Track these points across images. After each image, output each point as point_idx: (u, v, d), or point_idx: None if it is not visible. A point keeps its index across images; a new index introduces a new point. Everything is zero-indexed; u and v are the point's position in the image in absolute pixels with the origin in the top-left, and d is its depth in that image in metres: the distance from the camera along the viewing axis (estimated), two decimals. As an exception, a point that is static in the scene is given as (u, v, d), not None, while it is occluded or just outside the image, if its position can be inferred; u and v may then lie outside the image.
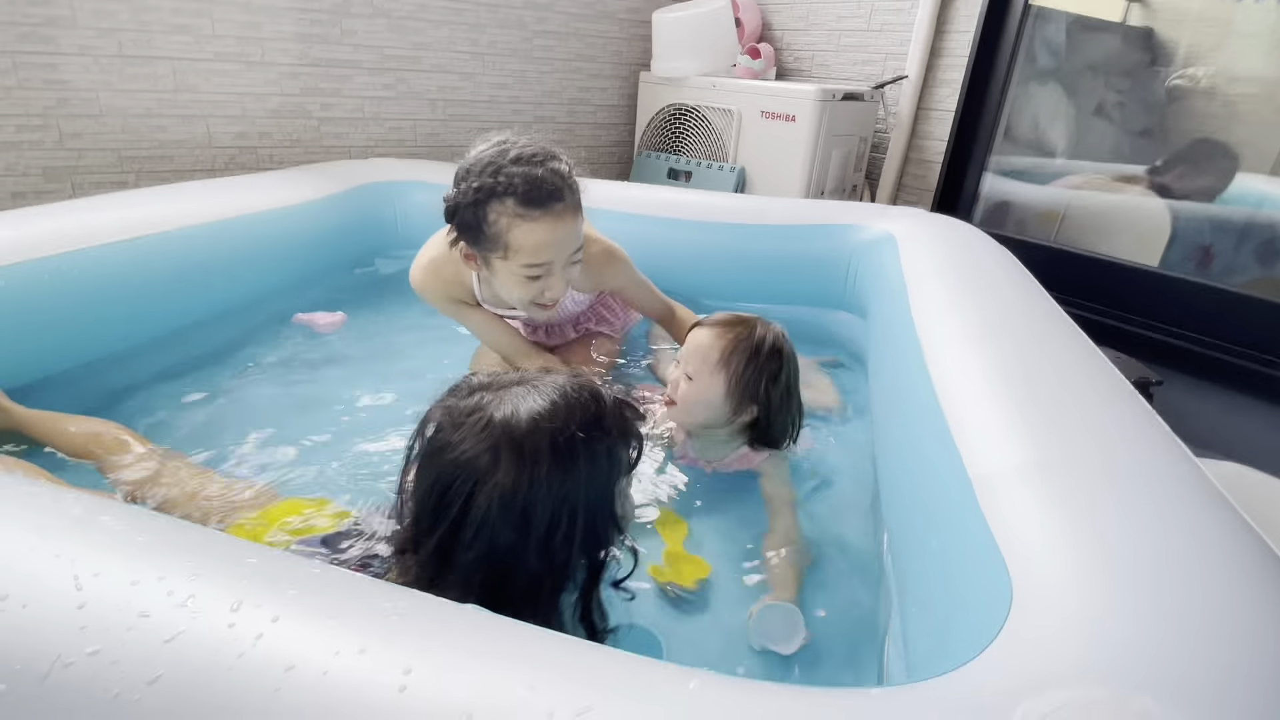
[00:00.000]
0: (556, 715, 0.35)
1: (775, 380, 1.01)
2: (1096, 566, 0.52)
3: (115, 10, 1.69)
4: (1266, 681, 0.42)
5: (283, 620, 0.40)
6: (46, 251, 1.14)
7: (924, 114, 2.29)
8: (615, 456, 0.65)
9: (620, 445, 0.66)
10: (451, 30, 2.24)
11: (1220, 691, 0.40)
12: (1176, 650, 0.43)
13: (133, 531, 0.48)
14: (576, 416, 0.62)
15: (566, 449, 0.60)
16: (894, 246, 1.51)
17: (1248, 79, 1.93)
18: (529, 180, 1.03)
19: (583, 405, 0.63)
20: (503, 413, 0.61)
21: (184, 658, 0.37)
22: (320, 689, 0.35)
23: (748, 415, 1.03)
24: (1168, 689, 0.40)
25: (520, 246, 1.06)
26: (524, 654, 0.40)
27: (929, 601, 0.65)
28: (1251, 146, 1.95)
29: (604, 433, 0.63)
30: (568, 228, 1.08)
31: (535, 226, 1.05)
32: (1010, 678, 0.41)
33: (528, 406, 0.61)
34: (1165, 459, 0.69)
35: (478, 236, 1.08)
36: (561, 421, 0.61)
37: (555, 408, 0.62)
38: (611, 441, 0.64)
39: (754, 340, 1.01)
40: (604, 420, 0.64)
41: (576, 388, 0.65)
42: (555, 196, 1.05)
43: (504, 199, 1.03)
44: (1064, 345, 0.95)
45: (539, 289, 1.12)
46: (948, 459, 0.73)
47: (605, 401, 0.65)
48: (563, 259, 1.11)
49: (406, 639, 0.39)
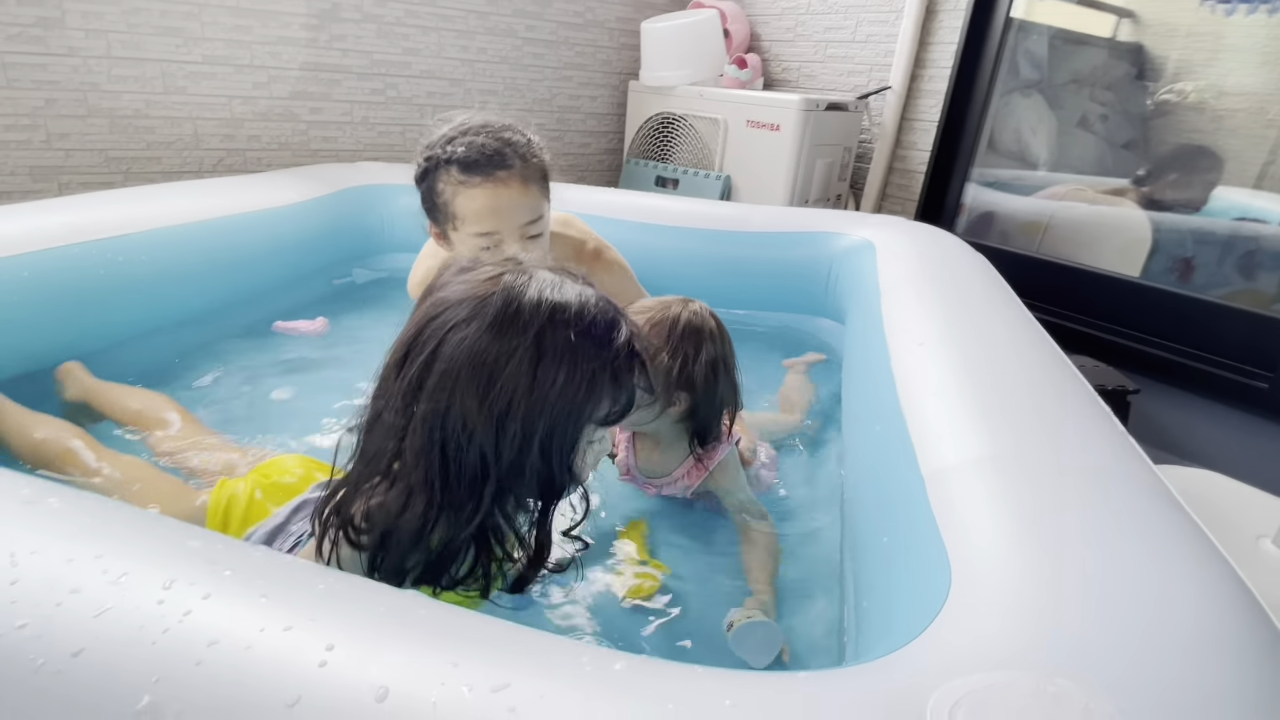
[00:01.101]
0: (475, 689, 0.35)
1: (695, 360, 0.93)
2: (1036, 559, 0.53)
3: (104, 12, 1.70)
4: (1190, 672, 0.42)
5: (214, 598, 0.40)
6: (24, 249, 1.15)
7: (908, 124, 2.32)
8: (596, 391, 0.58)
9: (608, 385, 0.59)
10: (440, 36, 2.26)
11: (1142, 679, 0.41)
12: (1104, 639, 0.44)
13: (77, 514, 0.48)
14: (585, 326, 0.57)
15: (555, 344, 0.55)
16: (872, 253, 1.52)
17: (1236, 93, 1.95)
18: (470, 147, 1.05)
19: (599, 324, 0.58)
20: (515, 278, 0.57)
21: (110, 632, 0.37)
22: (240, 663, 0.36)
23: (680, 404, 0.94)
24: (1090, 674, 0.40)
25: (464, 214, 1.08)
26: (450, 633, 0.40)
27: (878, 595, 0.65)
28: (1236, 160, 1.98)
29: (600, 360, 0.57)
30: (512, 195, 1.07)
31: (476, 193, 1.06)
32: (934, 664, 0.41)
33: (543, 285, 0.57)
34: (1117, 458, 0.70)
35: (433, 209, 1.12)
36: (566, 318, 0.56)
37: (570, 306, 0.57)
38: (601, 374, 0.58)
39: (667, 322, 0.94)
40: (607, 349, 0.58)
41: (607, 310, 0.59)
42: (497, 164, 1.06)
43: (448, 167, 1.06)
44: (1028, 350, 0.96)
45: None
46: (904, 458, 0.74)
47: (620, 340, 0.59)
48: (511, 229, 1.09)
49: (334, 617, 0.40)
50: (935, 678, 0.39)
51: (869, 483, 0.86)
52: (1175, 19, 2.10)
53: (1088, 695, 0.38)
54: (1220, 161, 2.00)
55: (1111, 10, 2.15)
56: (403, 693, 0.35)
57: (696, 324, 0.94)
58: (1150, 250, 2.07)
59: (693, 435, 0.98)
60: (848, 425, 1.12)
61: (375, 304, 1.72)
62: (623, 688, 0.37)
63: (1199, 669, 0.43)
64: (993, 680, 0.38)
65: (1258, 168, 1.96)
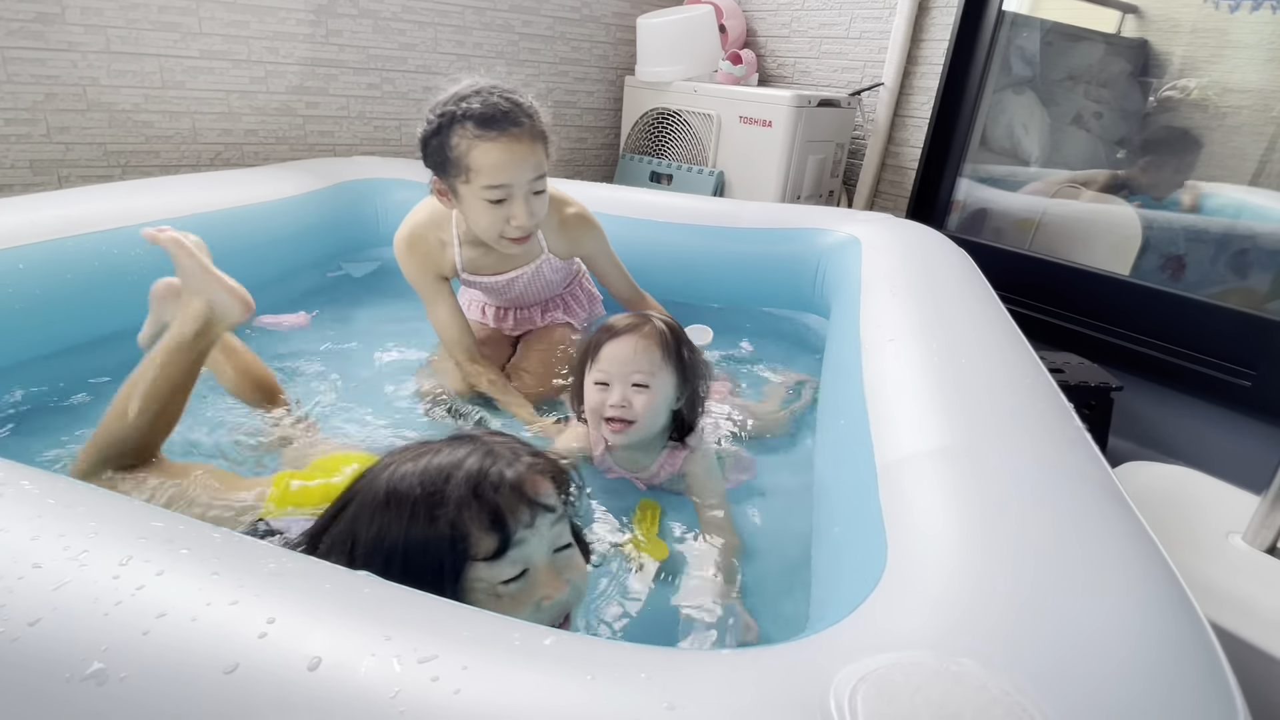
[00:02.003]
0: (403, 660, 0.38)
1: (691, 350, 1.06)
2: (971, 549, 0.55)
3: (103, 7, 1.73)
4: (1099, 661, 0.43)
5: (167, 574, 0.43)
6: (22, 240, 1.18)
7: (900, 121, 2.32)
8: (451, 530, 0.59)
9: (469, 523, 0.59)
10: (437, 32, 2.28)
11: (1047, 663, 0.42)
12: (1019, 626, 0.45)
13: (45, 496, 0.51)
14: (434, 475, 0.60)
15: (400, 499, 0.60)
16: (858, 249, 1.54)
17: (1240, 90, 1.95)
18: (486, 105, 1.13)
19: (427, 487, 0.60)
20: (405, 454, 0.64)
21: (66, 604, 0.40)
22: (184, 633, 0.38)
23: (682, 400, 1.04)
24: (997, 657, 0.42)
25: (479, 167, 1.14)
26: (389, 610, 0.43)
27: (826, 583, 0.67)
28: (1238, 158, 1.97)
29: (425, 517, 0.59)
30: (524, 151, 1.15)
31: (491, 147, 1.13)
32: (849, 646, 0.43)
33: (413, 457, 0.63)
34: (1069, 455, 0.71)
35: (444, 164, 1.17)
36: (417, 476, 0.61)
37: (408, 476, 0.61)
38: (449, 508, 0.59)
39: (667, 329, 1.04)
40: (435, 508, 0.59)
41: (458, 459, 0.62)
42: (511, 121, 1.13)
43: (464, 123, 1.13)
44: (997, 347, 0.97)
45: (504, 216, 1.18)
46: (862, 450, 0.76)
47: (453, 494, 0.60)
48: (521, 183, 1.17)
49: (278, 594, 0.42)
50: (846, 658, 0.41)
51: (831, 475, 0.87)
52: (1179, 15, 2.09)
53: (987, 674, 0.40)
54: (1200, 148, 1.99)
55: (1116, 6, 2.15)
56: (334, 662, 0.37)
57: (676, 326, 1.06)
58: (1141, 248, 2.07)
59: (671, 429, 1.05)
60: (820, 419, 1.14)
61: (369, 297, 1.75)
62: (545, 660, 0.40)
63: (1108, 659, 0.44)
64: (897, 660, 0.40)
65: (1255, 164, 1.96)
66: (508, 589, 0.61)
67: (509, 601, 0.61)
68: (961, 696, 0.38)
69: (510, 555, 0.60)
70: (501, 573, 0.60)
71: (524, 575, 0.62)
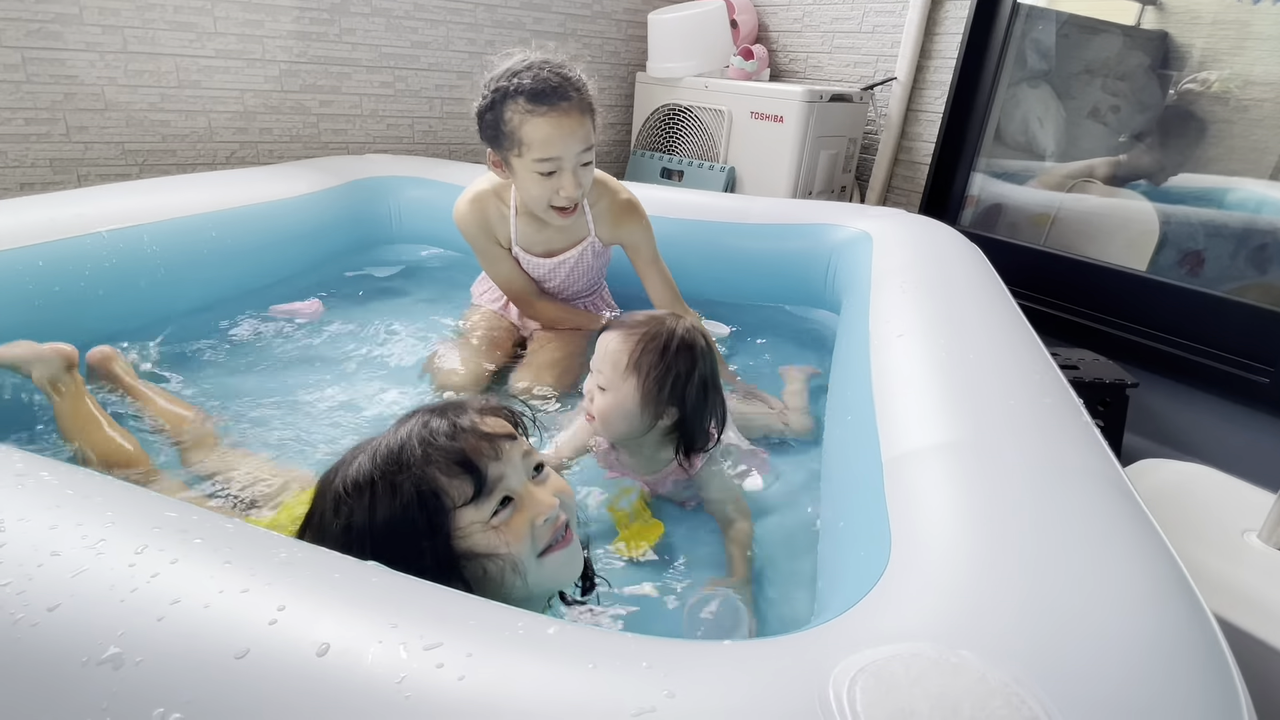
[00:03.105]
0: (409, 646, 0.38)
1: (689, 378, 0.95)
2: (975, 543, 0.55)
3: (119, 8, 1.76)
4: (1100, 654, 0.43)
5: (181, 563, 0.44)
6: (41, 239, 1.20)
7: (913, 115, 2.30)
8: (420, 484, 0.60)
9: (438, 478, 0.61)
10: (449, 30, 2.29)
11: (1049, 655, 0.42)
12: (1021, 619, 0.45)
13: (64, 486, 0.52)
14: (385, 451, 0.62)
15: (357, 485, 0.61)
16: (869, 245, 1.53)
17: (1262, 83, 1.92)
18: (537, 80, 1.17)
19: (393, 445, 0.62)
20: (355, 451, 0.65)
21: (84, 590, 0.41)
22: (198, 619, 0.39)
23: (669, 419, 0.97)
24: (997, 649, 0.42)
25: (531, 141, 1.19)
26: (397, 599, 0.44)
27: (831, 577, 0.67)
28: (1257, 151, 1.94)
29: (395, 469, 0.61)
30: (573, 124, 1.20)
31: (542, 121, 1.18)
32: (849, 638, 0.43)
33: (364, 450, 0.64)
34: (1076, 450, 0.71)
35: (498, 136, 1.23)
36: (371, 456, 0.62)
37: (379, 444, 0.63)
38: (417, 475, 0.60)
39: (661, 338, 0.96)
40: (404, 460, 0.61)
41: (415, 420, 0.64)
42: (561, 95, 1.18)
43: (516, 98, 1.18)
44: (1006, 342, 0.97)
45: (553, 187, 1.24)
46: (869, 445, 0.76)
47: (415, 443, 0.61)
48: (571, 155, 1.22)
49: (288, 582, 0.43)
50: (846, 650, 0.41)
51: (837, 469, 0.88)
52: (1200, 6, 2.06)
53: (986, 666, 0.40)
54: (1203, 132, 1.96)
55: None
56: (341, 649, 0.38)
57: (689, 340, 0.97)
58: (1158, 243, 2.04)
59: (678, 445, 1.00)
60: (829, 414, 1.13)
61: (382, 294, 1.77)
62: (549, 649, 0.40)
63: (1112, 652, 0.44)
64: (897, 651, 0.41)
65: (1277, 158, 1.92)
66: (500, 518, 0.63)
67: (506, 531, 0.63)
68: (960, 687, 0.38)
69: (489, 489, 0.62)
70: (488, 508, 0.62)
71: (509, 503, 0.64)
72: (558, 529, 0.66)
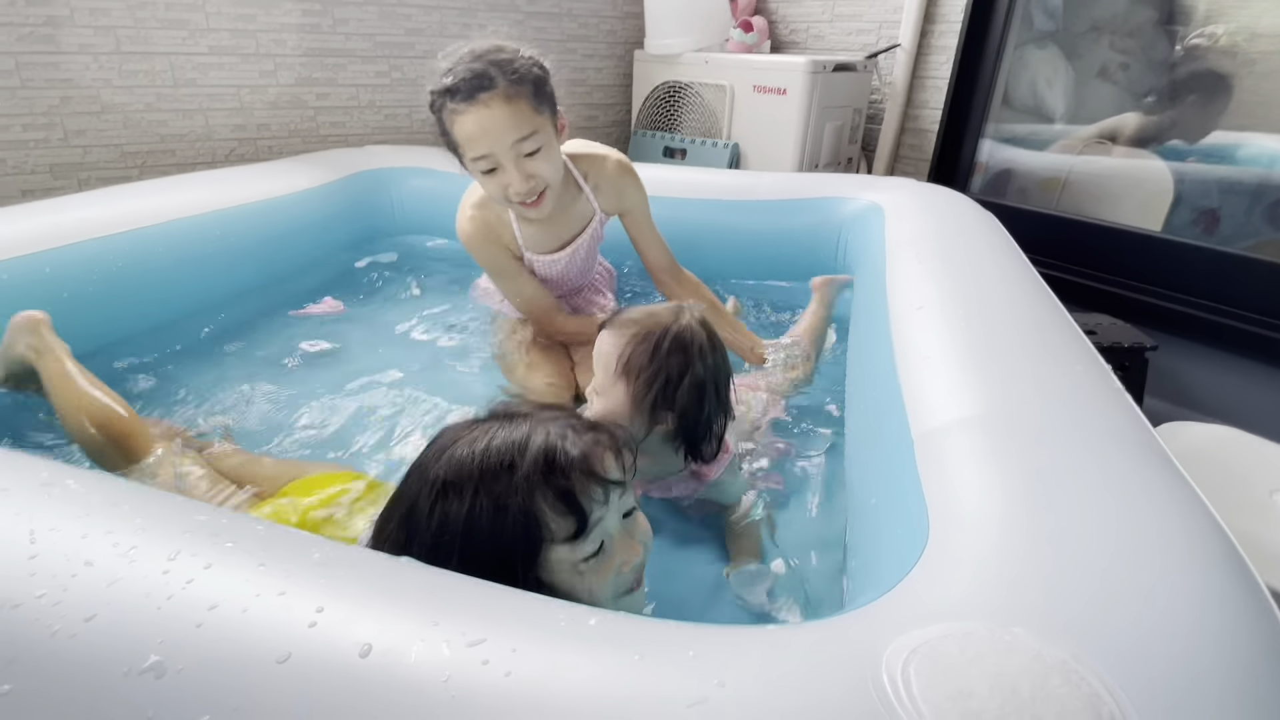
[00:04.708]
0: (452, 644, 0.38)
1: (680, 381, 0.87)
2: (1014, 517, 0.54)
3: (110, 8, 1.73)
4: (1156, 626, 0.43)
5: (215, 567, 0.43)
6: (46, 246, 1.19)
7: (919, 82, 2.26)
8: (525, 514, 0.58)
9: (531, 511, 0.58)
10: (443, 15, 2.25)
11: (1104, 630, 0.41)
12: (1070, 593, 0.44)
13: (91, 493, 0.51)
14: (480, 473, 0.59)
15: (460, 488, 0.58)
16: (880, 217, 1.51)
17: (1271, 34, 1.87)
18: (456, 75, 1.08)
19: (491, 467, 0.59)
20: (454, 436, 0.62)
21: (119, 599, 0.40)
22: (237, 624, 0.39)
23: (666, 424, 0.89)
24: (1049, 624, 0.41)
25: (461, 141, 1.12)
26: (435, 596, 0.43)
27: (865, 555, 0.67)
28: (1266, 105, 1.90)
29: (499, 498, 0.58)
30: (495, 115, 1.08)
31: (464, 119, 1.09)
32: (897, 618, 0.43)
33: (469, 438, 0.61)
34: (1110, 417, 0.70)
35: (449, 145, 1.16)
36: (464, 471, 0.59)
37: (471, 457, 0.60)
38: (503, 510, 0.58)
39: (653, 338, 0.88)
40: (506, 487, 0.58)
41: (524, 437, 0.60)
42: (480, 86, 1.07)
43: (445, 99, 1.10)
44: (1029, 310, 0.95)
45: (500, 185, 1.15)
46: (897, 420, 0.75)
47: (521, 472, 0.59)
48: (502, 149, 1.11)
49: (326, 583, 0.42)
50: (895, 630, 0.41)
51: (864, 446, 0.86)
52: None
53: (1041, 643, 0.39)
54: (1232, 89, 1.92)
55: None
56: (384, 649, 0.37)
57: (684, 340, 0.89)
58: (1173, 203, 2.01)
59: (684, 451, 0.92)
60: (850, 390, 1.12)
61: (387, 285, 1.76)
62: (593, 640, 0.40)
63: (1167, 624, 0.43)
64: (949, 631, 0.40)
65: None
66: (589, 565, 0.61)
67: (592, 576, 0.62)
68: (1017, 666, 0.37)
69: (588, 534, 0.60)
70: (583, 551, 0.61)
71: (602, 548, 0.62)
72: (639, 575, 0.66)
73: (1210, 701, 0.39)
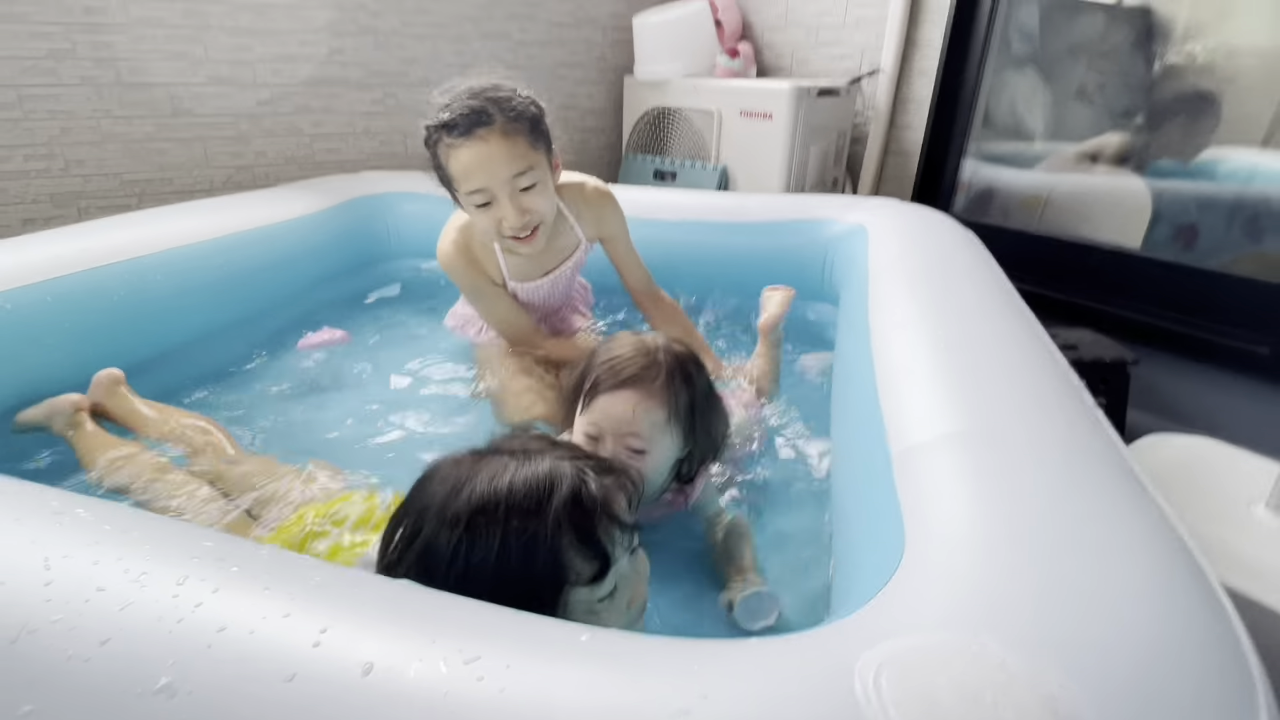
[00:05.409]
0: (449, 662, 0.40)
1: (693, 409, 0.90)
2: (986, 531, 0.56)
3: (111, 41, 1.77)
4: (1117, 638, 0.44)
5: (222, 591, 0.45)
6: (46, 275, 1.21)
7: (901, 105, 2.32)
8: (552, 558, 0.58)
9: (567, 546, 0.59)
10: (436, 44, 2.30)
11: (1066, 639, 0.43)
12: (1037, 606, 0.46)
13: (101, 522, 0.53)
14: (507, 511, 0.58)
15: (486, 528, 0.58)
16: (864, 236, 1.55)
17: (1248, 52, 1.92)
18: (454, 111, 1.11)
19: (520, 508, 0.58)
20: (467, 470, 0.61)
21: (132, 623, 0.42)
22: (245, 645, 0.41)
23: (689, 450, 0.91)
24: (1016, 635, 0.44)
25: (456, 175, 1.14)
26: (433, 616, 0.45)
27: (846, 569, 0.69)
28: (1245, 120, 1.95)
29: (528, 541, 0.58)
30: (492, 150, 1.11)
31: (459, 153, 1.12)
32: (869, 632, 0.45)
33: (482, 477, 0.60)
34: (1080, 434, 0.72)
35: (442, 179, 1.19)
36: (490, 507, 0.58)
37: (497, 494, 0.59)
38: (533, 552, 0.58)
39: (674, 376, 0.89)
40: (537, 529, 0.58)
41: (537, 488, 0.60)
42: (479, 121, 1.10)
43: (440, 134, 1.13)
44: (1005, 326, 0.98)
45: (494, 219, 1.17)
46: (876, 437, 0.77)
47: (552, 513, 0.58)
48: (498, 184, 1.13)
49: (327, 605, 0.45)
50: (868, 642, 0.43)
51: (847, 461, 0.89)
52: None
53: (1006, 652, 0.41)
54: (1220, 107, 1.96)
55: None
56: (385, 667, 0.39)
57: (680, 358, 0.91)
58: (1151, 220, 2.06)
59: (678, 470, 0.93)
60: (834, 409, 1.15)
61: (386, 309, 1.78)
62: (583, 656, 0.42)
63: (1128, 635, 0.45)
64: (919, 642, 0.42)
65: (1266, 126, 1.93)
66: (602, 605, 0.62)
67: (605, 615, 0.63)
68: (982, 674, 0.40)
69: (606, 576, 0.61)
70: (600, 592, 0.61)
71: (616, 588, 0.63)
72: (641, 615, 0.67)
73: (1168, 708, 0.41)
